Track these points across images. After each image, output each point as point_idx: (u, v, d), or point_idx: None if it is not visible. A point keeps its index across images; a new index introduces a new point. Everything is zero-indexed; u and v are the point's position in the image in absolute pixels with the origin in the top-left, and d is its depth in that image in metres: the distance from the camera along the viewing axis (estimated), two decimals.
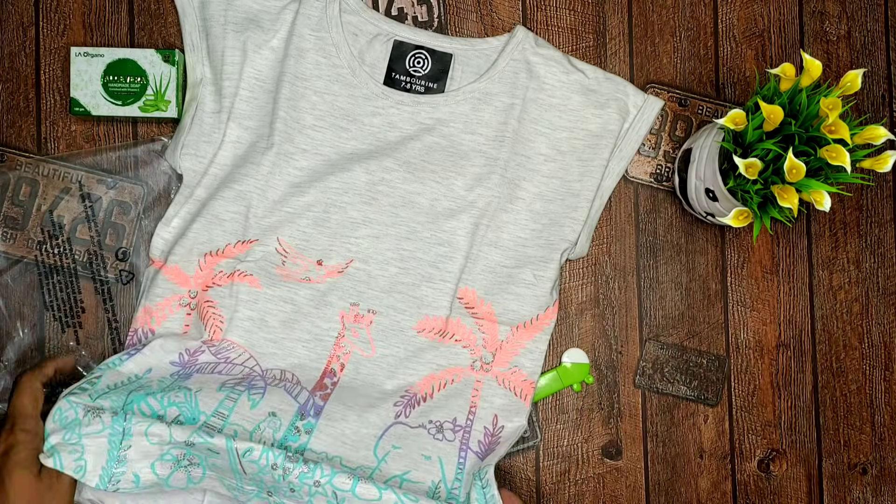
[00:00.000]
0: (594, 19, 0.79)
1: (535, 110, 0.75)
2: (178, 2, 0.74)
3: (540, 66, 0.75)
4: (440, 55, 0.75)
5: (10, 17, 0.77)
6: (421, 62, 0.75)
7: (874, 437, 0.79)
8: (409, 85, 0.75)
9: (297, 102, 0.74)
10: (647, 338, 0.78)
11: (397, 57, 0.75)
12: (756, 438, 0.79)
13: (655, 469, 0.78)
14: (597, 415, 0.78)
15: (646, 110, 0.76)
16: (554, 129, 0.75)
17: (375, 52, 0.75)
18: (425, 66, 0.75)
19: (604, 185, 0.76)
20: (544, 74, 0.75)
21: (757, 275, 0.79)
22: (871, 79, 0.80)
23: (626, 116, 0.76)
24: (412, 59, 0.75)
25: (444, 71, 0.75)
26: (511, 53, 0.75)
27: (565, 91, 0.75)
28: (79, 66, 0.74)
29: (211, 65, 0.74)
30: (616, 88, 0.76)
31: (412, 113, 0.75)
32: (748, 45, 0.80)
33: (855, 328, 0.80)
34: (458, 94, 0.75)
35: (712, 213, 0.72)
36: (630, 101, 0.76)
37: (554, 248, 0.74)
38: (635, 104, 0.76)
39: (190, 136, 0.73)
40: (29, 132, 0.76)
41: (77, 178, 0.75)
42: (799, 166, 0.62)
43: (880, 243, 0.80)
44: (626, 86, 0.76)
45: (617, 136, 0.75)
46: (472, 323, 0.73)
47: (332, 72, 0.74)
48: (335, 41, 0.75)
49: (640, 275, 0.79)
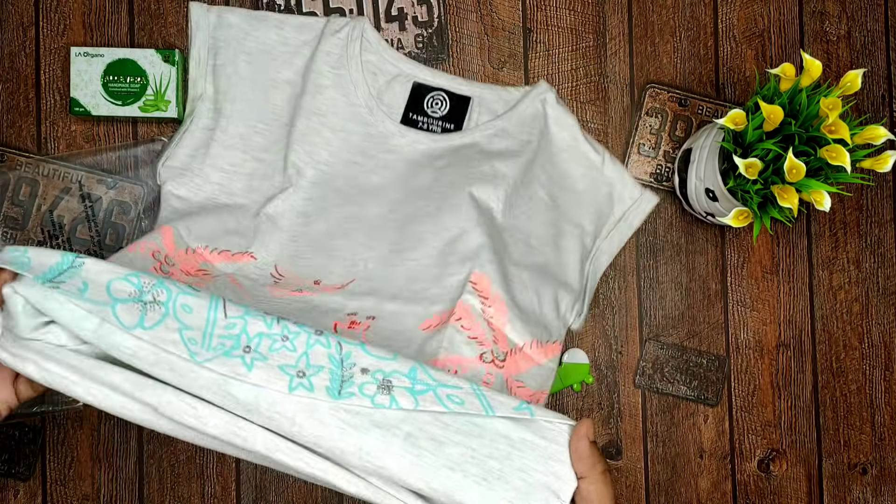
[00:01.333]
0: (594, 19, 0.79)
1: (543, 157, 0.75)
2: (194, 16, 0.74)
3: (553, 121, 0.75)
4: (458, 98, 0.75)
5: (10, 17, 0.77)
6: (439, 104, 0.75)
7: (874, 437, 0.79)
8: (427, 125, 0.75)
9: (311, 137, 0.73)
10: (647, 338, 0.78)
11: (416, 98, 0.75)
12: (756, 438, 0.79)
13: (655, 469, 0.78)
14: (597, 415, 0.78)
15: (642, 203, 0.76)
16: (552, 184, 0.75)
17: (394, 93, 0.76)
18: (443, 107, 0.75)
19: (598, 263, 0.76)
20: (556, 132, 0.75)
21: (757, 275, 0.79)
22: (871, 79, 0.80)
23: (619, 203, 0.76)
24: (430, 101, 0.75)
25: (462, 113, 0.75)
26: (532, 102, 0.75)
27: (571, 155, 0.75)
28: (79, 66, 0.74)
29: (215, 83, 0.74)
30: (618, 174, 0.76)
31: (428, 150, 0.75)
32: (748, 45, 0.80)
33: (855, 328, 0.80)
34: (476, 131, 0.75)
35: (712, 213, 0.72)
36: (627, 192, 0.76)
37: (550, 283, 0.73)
38: (632, 196, 0.76)
39: (179, 149, 0.73)
40: (29, 132, 0.76)
41: (77, 179, 0.75)
42: (799, 166, 0.62)
43: (880, 243, 0.80)
44: (627, 175, 0.76)
45: (608, 220, 0.76)
46: (480, 309, 0.68)
47: (348, 110, 0.74)
48: (354, 80, 0.74)
49: (640, 275, 0.79)
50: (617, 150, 0.79)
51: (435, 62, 0.78)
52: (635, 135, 0.79)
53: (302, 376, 0.51)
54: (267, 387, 0.50)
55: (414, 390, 0.52)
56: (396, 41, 0.78)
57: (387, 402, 0.51)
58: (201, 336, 0.52)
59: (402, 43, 0.78)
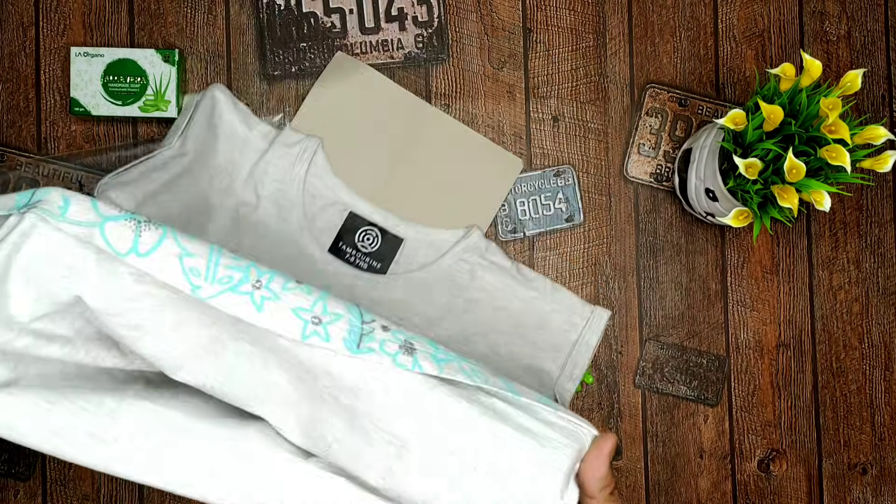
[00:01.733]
0: (594, 19, 0.79)
1: (476, 310, 0.74)
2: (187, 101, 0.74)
3: (485, 269, 0.74)
4: (391, 237, 0.75)
5: (10, 17, 0.77)
6: (371, 240, 0.74)
7: (874, 437, 0.79)
8: (354, 259, 0.74)
9: (244, 225, 0.72)
10: (647, 338, 0.78)
11: (349, 228, 0.74)
12: (756, 438, 0.79)
13: (655, 469, 0.78)
14: (597, 415, 0.78)
15: (594, 320, 0.75)
16: (492, 331, 0.74)
17: (328, 218, 0.74)
18: (374, 243, 0.74)
19: (564, 396, 0.75)
20: (489, 278, 0.74)
21: (757, 275, 0.79)
22: (871, 79, 0.80)
23: (572, 328, 0.75)
24: (362, 234, 0.74)
25: (392, 253, 0.74)
26: (460, 254, 0.74)
27: (508, 294, 0.74)
28: (79, 66, 0.74)
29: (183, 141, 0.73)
30: (562, 301, 0.75)
31: (349, 287, 0.73)
32: (748, 45, 0.80)
33: (855, 328, 0.80)
34: (399, 279, 0.74)
35: (712, 213, 0.72)
36: (577, 313, 0.75)
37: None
38: (582, 315, 0.75)
39: (137, 169, 0.71)
40: (29, 132, 0.76)
41: (77, 179, 0.75)
42: (799, 166, 0.62)
43: (880, 243, 0.80)
44: (574, 298, 0.75)
45: (562, 348, 0.74)
46: None
47: (280, 225, 0.73)
48: (292, 198, 0.73)
49: (639, 275, 0.79)
50: (617, 150, 0.79)
51: (435, 62, 0.78)
52: (635, 135, 0.79)
53: (318, 323, 0.45)
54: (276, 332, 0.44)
55: (437, 357, 0.47)
56: (396, 41, 0.78)
57: (409, 363, 0.45)
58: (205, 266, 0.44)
59: (402, 43, 0.78)
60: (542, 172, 0.79)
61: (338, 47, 0.78)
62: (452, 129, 0.78)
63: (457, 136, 0.78)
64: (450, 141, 0.77)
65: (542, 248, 0.78)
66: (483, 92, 0.78)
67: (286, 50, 0.78)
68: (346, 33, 0.79)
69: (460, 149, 0.77)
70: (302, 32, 0.79)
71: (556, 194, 0.79)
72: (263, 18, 0.78)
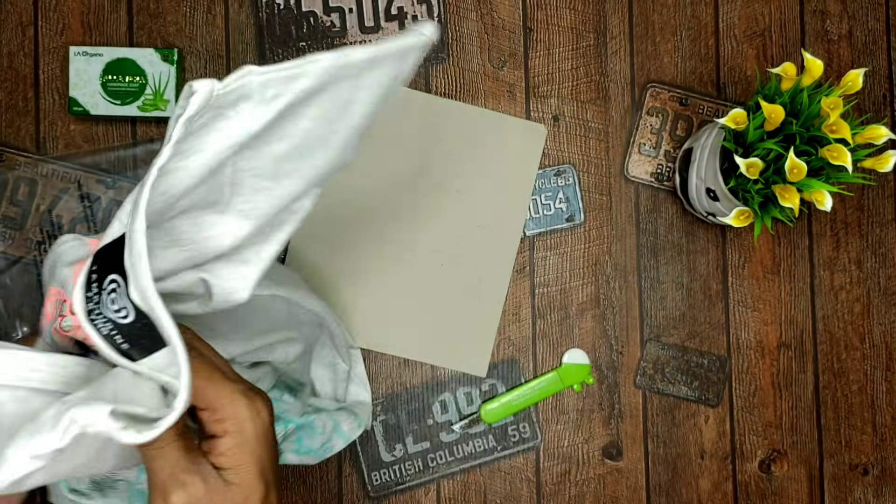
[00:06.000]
0: (595, 18, 0.79)
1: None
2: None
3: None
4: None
5: (9, 16, 0.77)
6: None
7: (875, 438, 0.79)
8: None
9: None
10: (647, 338, 0.78)
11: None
12: (757, 439, 0.78)
13: (656, 470, 0.78)
14: (597, 415, 0.78)
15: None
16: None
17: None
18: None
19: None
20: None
21: (758, 275, 0.79)
22: (872, 78, 0.80)
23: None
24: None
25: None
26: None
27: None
28: (78, 65, 0.74)
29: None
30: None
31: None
32: (749, 44, 0.80)
33: (856, 328, 0.79)
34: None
35: (713, 213, 0.72)
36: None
37: None
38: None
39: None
40: (28, 132, 0.76)
41: (76, 178, 0.75)
42: (800, 166, 0.62)
43: (882, 243, 0.80)
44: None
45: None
46: None
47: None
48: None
49: (640, 275, 0.78)
50: (618, 150, 0.79)
51: (435, 61, 0.78)
52: (636, 134, 0.79)
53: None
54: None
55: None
56: None
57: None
58: None
59: None
60: (542, 172, 0.78)
61: (337, 46, 0.78)
62: (466, 115, 0.77)
63: (473, 120, 0.77)
64: (468, 127, 0.77)
65: (543, 248, 0.78)
66: (483, 91, 0.78)
67: (286, 49, 0.78)
68: (346, 32, 0.78)
69: (480, 132, 0.77)
70: (301, 31, 0.78)
71: (557, 194, 0.79)
72: (263, 17, 0.78)
